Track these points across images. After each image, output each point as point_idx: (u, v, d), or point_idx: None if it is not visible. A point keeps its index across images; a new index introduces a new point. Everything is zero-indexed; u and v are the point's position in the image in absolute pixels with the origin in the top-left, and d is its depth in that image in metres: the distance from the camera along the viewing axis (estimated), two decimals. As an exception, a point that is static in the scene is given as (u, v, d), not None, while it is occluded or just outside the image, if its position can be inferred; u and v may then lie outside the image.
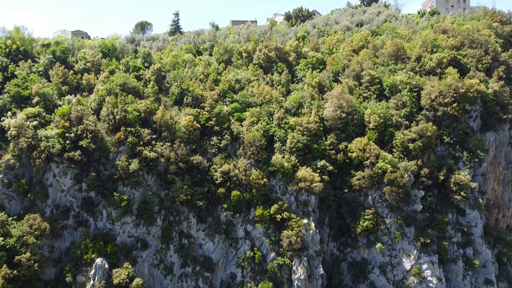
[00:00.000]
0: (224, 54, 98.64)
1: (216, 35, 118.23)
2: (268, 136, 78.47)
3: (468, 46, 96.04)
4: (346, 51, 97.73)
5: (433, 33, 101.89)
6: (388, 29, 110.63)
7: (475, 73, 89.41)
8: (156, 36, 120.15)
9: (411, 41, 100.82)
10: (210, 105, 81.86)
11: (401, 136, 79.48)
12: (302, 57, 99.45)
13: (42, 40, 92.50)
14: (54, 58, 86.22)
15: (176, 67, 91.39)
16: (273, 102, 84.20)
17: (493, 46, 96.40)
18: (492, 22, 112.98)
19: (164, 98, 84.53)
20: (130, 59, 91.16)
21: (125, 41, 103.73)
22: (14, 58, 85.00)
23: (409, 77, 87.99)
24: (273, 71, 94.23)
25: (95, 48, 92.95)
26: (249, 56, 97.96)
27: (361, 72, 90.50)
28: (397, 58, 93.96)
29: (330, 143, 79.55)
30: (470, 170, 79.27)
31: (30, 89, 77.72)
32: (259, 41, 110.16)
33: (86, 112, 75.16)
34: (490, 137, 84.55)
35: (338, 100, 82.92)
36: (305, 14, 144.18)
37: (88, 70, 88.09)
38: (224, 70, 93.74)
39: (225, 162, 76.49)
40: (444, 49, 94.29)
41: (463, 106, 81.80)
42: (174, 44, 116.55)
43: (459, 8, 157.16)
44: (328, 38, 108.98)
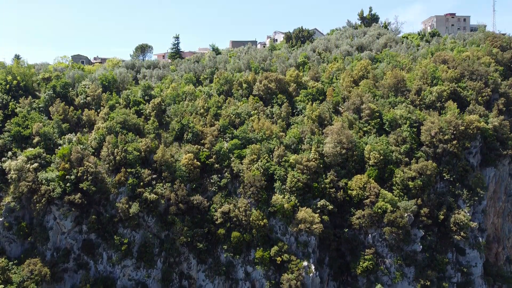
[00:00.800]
0: (224, 84, 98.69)
1: (217, 60, 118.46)
2: (268, 175, 78.57)
3: (468, 77, 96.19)
4: (346, 82, 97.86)
5: (433, 63, 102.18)
6: (388, 56, 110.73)
7: (475, 107, 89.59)
8: (157, 61, 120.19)
9: (411, 71, 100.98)
10: (210, 142, 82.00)
11: (401, 174, 79.61)
12: (302, 87, 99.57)
13: (43, 74, 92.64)
14: (54, 93, 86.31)
15: (176, 100, 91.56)
16: (273, 138, 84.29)
17: (493, 77, 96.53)
18: (492, 48, 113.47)
19: (165, 134, 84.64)
20: (130, 93, 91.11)
21: (125, 70, 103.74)
22: (14, 94, 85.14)
23: (409, 111, 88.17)
24: (273, 103, 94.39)
25: (96, 81, 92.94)
26: (249, 87, 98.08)
27: (361, 105, 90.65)
28: (397, 90, 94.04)
29: (330, 180, 79.67)
30: (470, 208, 79.42)
31: (30, 128, 77.86)
32: (259, 68, 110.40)
33: (86, 152, 75.29)
34: (490, 172, 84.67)
35: (338, 135, 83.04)
36: (305, 35, 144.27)
37: (89, 105, 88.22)
38: (225, 102, 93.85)
39: (225, 201, 76.64)
40: (444, 81, 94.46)
41: (463, 144, 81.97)
42: (174, 69, 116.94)
43: (459, 27, 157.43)
44: (328, 65, 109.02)
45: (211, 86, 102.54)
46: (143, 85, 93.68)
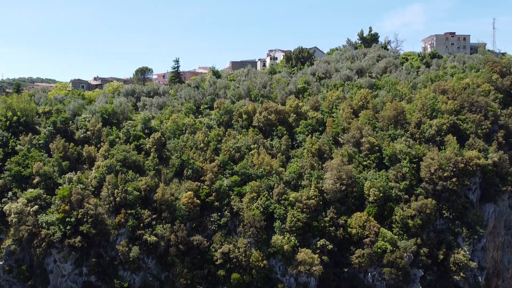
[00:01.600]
0: (224, 115, 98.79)
1: (217, 86, 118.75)
2: (268, 213, 78.71)
3: (467, 109, 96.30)
4: (346, 113, 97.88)
5: (432, 93, 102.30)
6: (388, 84, 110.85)
7: (475, 141, 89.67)
8: (157, 86, 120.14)
9: (411, 101, 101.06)
10: (210, 179, 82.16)
11: (400, 212, 79.71)
12: (302, 117, 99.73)
13: (43, 108, 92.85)
14: (54, 129, 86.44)
15: (176, 133, 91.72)
16: (273, 174, 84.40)
17: (493, 109, 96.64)
18: (492, 73, 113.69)
19: (165, 170, 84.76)
20: (131, 126, 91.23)
21: (125, 100, 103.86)
22: (15, 130, 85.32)
23: (409, 145, 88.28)
24: (273, 136, 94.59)
25: (96, 114, 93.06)
26: (249, 118, 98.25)
27: (361, 138, 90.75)
28: (397, 122, 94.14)
29: (330, 218, 79.78)
30: (470, 246, 79.53)
31: (30, 167, 78.01)
32: (259, 96, 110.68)
33: (87, 193, 75.47)
34: (490, 208, 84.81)
35: (338, 172, 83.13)
36: (305, 55, 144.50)
37: (89, 139, 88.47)
38: (224, 134, 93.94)
39: (225, 241, 76.79)
40: (444, 113, 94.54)
41: (462, 181, 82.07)
42: (174, 95, 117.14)
43: (459, 46, 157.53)
44: (328, 93, 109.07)
45: (211, 115, 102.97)
46: (143, 117, 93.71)
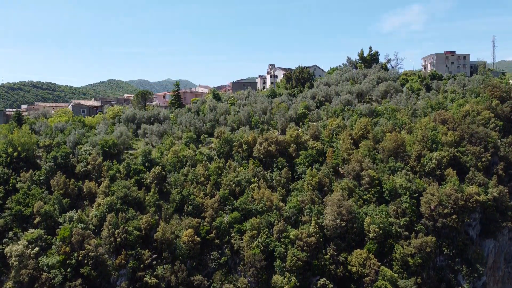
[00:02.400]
0: (224, 145, 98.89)
1: (217, 111, 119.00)
2: (268, 251, 78.82)
3: (467, 140, 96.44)
4: (346, 143, 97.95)
5: (432, 122, 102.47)
6: (388, 111, 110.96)
7: (475, 174, 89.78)
8: (157, 111, 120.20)
9: (411, 131, 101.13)
10: (210, 216, 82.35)
11: (400, 250, 79.78)
12: (302, 147, 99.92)
13: (43, 141, 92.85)
14: (55, 164, 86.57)
15: (176, 166, 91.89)
16: (273, 210, 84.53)
17: (493, 140, 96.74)
18: (492, 99, 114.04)
19: (165, 205, 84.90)
20: (131, 160, 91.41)
21: (125, 129, 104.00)
22: (15, 166, 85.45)
23: (409, 180, 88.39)
24: (273, 167, 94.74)
25: (97, 146, 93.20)
26: (249, 148, 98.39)
27: (361, 171, 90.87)
28: (397, 154, 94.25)
29: (330, 255, 79.88)
30: (470, 284, 79.60)
31: (31, 206, 78.16)
32: (259, 123, 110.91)
33: (87, 233, 75.60)
34: (490, 244, 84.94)
35: (338, 207, 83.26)
36: (305, 76, 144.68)
37: (89, 173, 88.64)
38: (225, 166, 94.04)
39: (225, 280, 76.89)
40: (444, 145, 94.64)
41: (462, 218, 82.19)
42: (175, 120, 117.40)
43: (459, 64, 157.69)
44: (328, 121, 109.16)
45: (212, 143, 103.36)
46: (143, 150, 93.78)
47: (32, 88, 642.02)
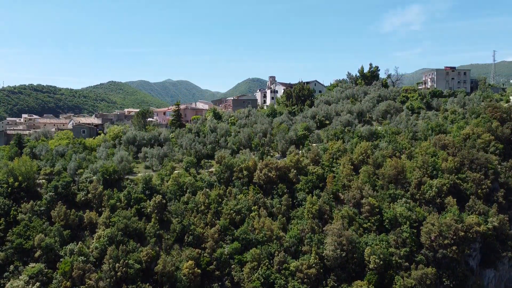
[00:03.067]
0: (225, 171, 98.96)
1: (217, 132, 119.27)
2: (269, 284, 78.93)
3: (467, 166, 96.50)
4: (346, 169, 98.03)
5: (433, 146, 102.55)
6: (388, 134, 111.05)
7: (475, 202, 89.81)
8: (157, 133, 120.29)
9: (411, 156, 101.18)
10: (211, 247, 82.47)
11: (401, 282, 79.79)
12: (302, 172, 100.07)
13: (44, 169, 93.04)
14: (56, 194, 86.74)
15: (177, 194, 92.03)
16: (273, 240, 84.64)
17: (493, 166, 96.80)
18: (492, 119, 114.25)
19: (166, 235, 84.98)
20: (132, 188, 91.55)
21: (126, 154, 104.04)
22: (16, 197, 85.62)
23: (409, 208, 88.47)
24: (274, 194, 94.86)
25: (97, 174, 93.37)
26: (249, 174, 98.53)
27: (361, 199, 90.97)
28: (397, 181, 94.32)
29: (331, 287, 79.99)
30: (470, 316, 79.73)
31: (32, 239, 78.33)
32: (259, 145, 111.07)
33: (88, 266, 75.73)
34: (490, 274, 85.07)
35: (339, 237, 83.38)
36: (306, 94, 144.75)
37: (90, 202, 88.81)
38: (225, 193, 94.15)
39: (226, 313, 77.05)
40: (444, 172, 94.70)
41: (462, 249, 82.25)
42: (175, 142, 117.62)
43: (460, 80, 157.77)
44: (329, 145, 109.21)
45: (212, 166, 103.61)
46: (143, 177, 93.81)
47: (33, 92, 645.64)
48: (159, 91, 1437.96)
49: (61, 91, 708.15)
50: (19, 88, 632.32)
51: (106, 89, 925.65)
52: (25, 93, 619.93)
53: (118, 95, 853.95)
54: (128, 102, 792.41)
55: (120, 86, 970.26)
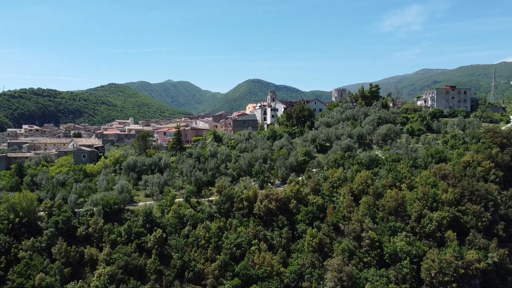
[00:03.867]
0: (225, 202, 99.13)
1: (218, 157, 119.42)
2: (269, 323, 79.19)
3: (468, 198, 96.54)
4: (346, 200, 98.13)
5: (433, 176, 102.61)
6: (388, 161, 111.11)
7: (475, 236, 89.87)
8: (158, 158, 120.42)
9: (412, 186, 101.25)
10: (211, 284, 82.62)
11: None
12: (303, 202, 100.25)
13: (45, 202, 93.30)
14: (56, 230, 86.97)
15: (177, 228, 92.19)
16: (274, 276, 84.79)
17: (493, 197, 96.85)
18: (492, 145, 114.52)
19: (166, 271, 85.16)
20: (132, 222, 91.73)
21: (126, 184, 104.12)
22: (16, 233, 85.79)
23: (409, 242, 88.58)
24: (274, 226, 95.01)
25: (97, 206, 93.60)
26: (250, 205, 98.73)
27: (361, 232, 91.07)
28: (398, 213, 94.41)
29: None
30: None
31: (33, 279, 78.51)
32: (260, 173, 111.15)
33: (89, 307, 75.94)
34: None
35: (339, 272, 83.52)
36: (306, 115, 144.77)
37: (90, 236, 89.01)
38: (225, 225, 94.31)
39: None
40: (444, 204, 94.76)
41: (462, 286, 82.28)
42: (175, 167, 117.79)
43: (460, 99, 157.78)
44: (329, 173, 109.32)
45: (213, 195, 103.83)
46: (143, 210, 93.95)
47: (33, 96, 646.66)
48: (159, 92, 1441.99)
49: (62, 94, 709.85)
50: (20, 92, 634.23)
51: (107, 91, 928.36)
52: (25, 97, 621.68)
53: (118, 98, 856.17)
54: (128, 105, 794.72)
55: (121, 88, 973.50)
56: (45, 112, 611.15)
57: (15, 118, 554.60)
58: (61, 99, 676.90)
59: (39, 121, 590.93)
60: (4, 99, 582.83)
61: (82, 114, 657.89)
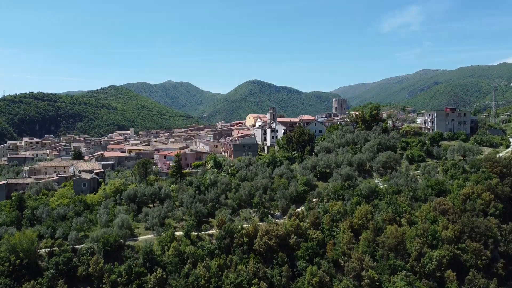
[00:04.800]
0: (225, 237, 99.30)
1: (218, 186, 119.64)
2: None
3: (467, 235, 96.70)
4: (347, 235, 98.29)
5: (433, 211, 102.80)
6: (388, 194, 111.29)
7: (475, 276, 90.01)
8: (158, 187, 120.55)
9: (412, 221, 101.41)
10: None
11: None
12: (303, 237, 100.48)
13: (45, 242, 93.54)
14: (57, 271, 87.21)
15: (177, 266, 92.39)
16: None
17: (493, 234, 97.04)
18: (492, 174, 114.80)
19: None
20: (133, 262, 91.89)
21: (126, 217, 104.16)
22: (17, 275, 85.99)
23: (409, 282, 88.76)
24: (274, 264, 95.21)
25: (98, 244, 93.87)
26: (250, 240, 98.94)
27: (361, 271, 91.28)
28: (397, 251, 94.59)
29: None
30: None
31: (34, 326, 78.78)
32: (260, 204, 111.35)
33: None
34: None
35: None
36: (306, 139, 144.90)
37: (91, 276, 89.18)
38: (225, 262, 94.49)
39: None
40: (444, 242, 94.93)
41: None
42: (175, 196, 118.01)
43: (460, 121, 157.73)
44: (329, 205, 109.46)
45: (213, 228, 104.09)
46: (144, 248, 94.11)
47: (33, 100, 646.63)
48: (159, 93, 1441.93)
49: (62, 98, 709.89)
50: (20, 97, 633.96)
51: (107, 94, 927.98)
52: (25, 102, 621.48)
53: (118, 101, 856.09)
54: (128, 108, 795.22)
55: (121, 91, 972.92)
56: (45, 117, 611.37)
57: (15, 124, 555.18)
58: (61, 103, 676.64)
59: (39, 126, 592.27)
60: (4, 104, 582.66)
61: (82, 118, 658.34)
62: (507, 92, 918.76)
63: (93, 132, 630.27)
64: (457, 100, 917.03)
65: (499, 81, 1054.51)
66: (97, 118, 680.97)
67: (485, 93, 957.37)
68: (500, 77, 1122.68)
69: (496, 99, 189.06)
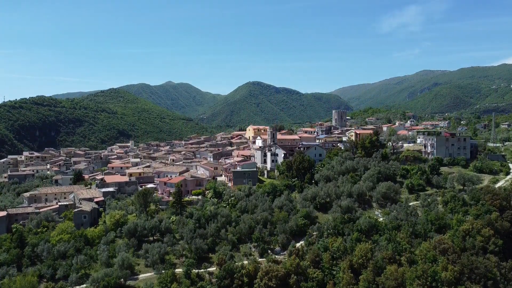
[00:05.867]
0: (226, 277, 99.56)
1: (218, 220, 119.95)
2: None
3: (467, 276, 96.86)
4: (347, 276, 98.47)
5: (433, 250, 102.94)
6: (388, 229, 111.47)
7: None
8: (158, 220, 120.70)
9: (412, 261, 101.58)
10: None
11: None
12: (303, 276, 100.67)
13: (45, 286, 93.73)
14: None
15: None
16: None
17: (493, 275, 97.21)
18: (492, 207, 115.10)
19: None
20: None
21: (126, 256, 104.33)
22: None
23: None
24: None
25: (99, 284, 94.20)
26: (250, 281, 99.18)
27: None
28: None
29: None
30: None
31: None
32: (260, 239, 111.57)
33: None
34: None
35: None
36: (306, 166, 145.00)
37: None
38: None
39: None
40: (444, 284, 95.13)
41: None
42: (176, 229, 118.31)
43: (459, 146, 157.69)
44: (329, 242, 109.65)
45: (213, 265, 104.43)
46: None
47: (34, 106, 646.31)
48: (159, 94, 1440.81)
49: (62, 103, 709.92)
50: (20, 103, 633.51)
51: (107, 97, 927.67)
52: (26, 108, 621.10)
53: (118, 104, 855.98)
54: (128, 111, 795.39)
55: (121, 94, 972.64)
56: (46, 122, 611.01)
57: (15, 130, 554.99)
58: (62, 108, 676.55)
59: (40, 132, 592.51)
60: (4, 110, 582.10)
61: (82, 123, 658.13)
62: (507, 94, 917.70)
63: (93, 137, 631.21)
64: (457, 102, 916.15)
65: (499, 82, 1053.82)
66: (97, 122, 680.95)
67: (485, 95, 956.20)
68: (500, 78, 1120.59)
69: (497, 84, 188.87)
